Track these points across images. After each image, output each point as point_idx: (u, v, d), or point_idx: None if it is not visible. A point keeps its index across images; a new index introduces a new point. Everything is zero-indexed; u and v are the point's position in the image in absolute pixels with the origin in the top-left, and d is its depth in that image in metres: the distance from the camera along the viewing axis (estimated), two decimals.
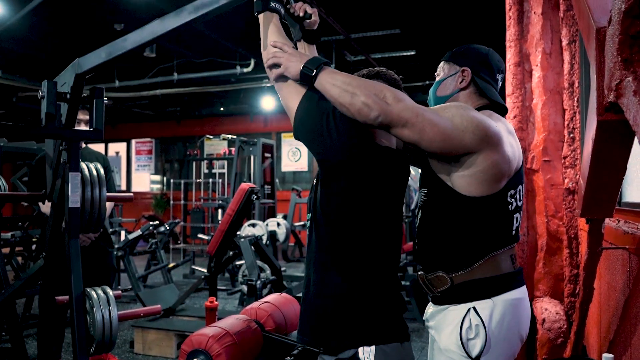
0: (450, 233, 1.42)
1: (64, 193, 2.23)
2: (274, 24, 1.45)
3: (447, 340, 1.40)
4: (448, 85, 1.56)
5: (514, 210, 1.43)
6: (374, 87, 1.28)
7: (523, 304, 1.44)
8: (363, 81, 1.30)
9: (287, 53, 1.37)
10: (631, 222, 1.89)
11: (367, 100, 1.24)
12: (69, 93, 2.08)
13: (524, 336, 1.45)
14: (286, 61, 1.36)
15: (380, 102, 1.24)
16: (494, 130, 1.33)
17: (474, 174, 1.34)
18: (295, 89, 1.38)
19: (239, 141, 7.92)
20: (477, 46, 1.58)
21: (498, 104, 1.52)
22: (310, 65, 1.33)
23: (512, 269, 1.43)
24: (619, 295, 1.93)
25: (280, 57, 1.37)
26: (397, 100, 1.26)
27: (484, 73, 1.53)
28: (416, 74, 8.60)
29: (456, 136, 1.28)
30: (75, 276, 2.20)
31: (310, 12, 1.60)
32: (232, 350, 1.88)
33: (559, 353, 2.55)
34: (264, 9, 1.46)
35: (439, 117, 1.28)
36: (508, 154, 1.36)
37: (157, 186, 12.89)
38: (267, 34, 1.45)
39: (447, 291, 1.43)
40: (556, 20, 2.77)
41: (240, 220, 4.54)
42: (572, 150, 2.67)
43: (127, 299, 5.58)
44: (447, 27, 6.14)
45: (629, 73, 1.17)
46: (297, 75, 1.35)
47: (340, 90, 1.28)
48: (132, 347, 4.02)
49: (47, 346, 2.61)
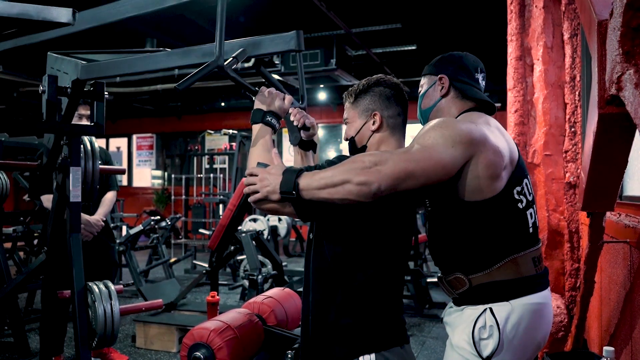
0: (463, 239, 1.40)
1: (64, 187, 2.24)
2: (264, 141, 1.44)
3: (459, 337, 1.39)
4: (430, 96, 1.57)
5: (526, 206, 1.40)
6: (353, 164, 1.23)
7: (544, 310, 1.39)
8: (340, 166, 1.25)
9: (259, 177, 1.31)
10: (632, 216, 1.89)
11: (360, 178, 1.20)
12: (69, 88, 2.08)
13: (542, 343, 1.42)
14: (262, 187, 1.30)
15: (372, 171, 1.20)
16: (477, 132, 1.32)
17: (473, 179, 1.32)
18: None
19: (240, 136, 7.91)
20: (450, 53, 1.58)
21: (484, 102, 1.51)
22: (286, 188, 1.26)
23: (534, 272, 1.39)
24: (619, 288, 1.93)
25: (254, 184, 1.31)
26: (382, 160, 1.22)
27: (462, 76, 1.53)
28: (417, 69, 8.54)
29: (450, 154, 1.27)
30: (77, 270, 2.21)
31: (309, 126, 1.61)
32: (234, 343, 1.88)
33: (560, 347, 2.56)
34: (259, 122, 1.46)
35: (427, 150, 1.26)
36: (496, 147, 1.34)
37: (158, 181, 12.89)
38: (254, 150, 1.43)
39: (465, 292, 1.41)
40: (557, 14, 2.76)
41: (242, 215, 4.55)
42: (574, 144, 2.67)
43: (128, 294, 5.59)
44: (448, 22, 6.12)
45: (631, 66, 1.17)
46: (279, 197, 1.28)
47: (329, 189, 1.23)
48: (133, 341, 4.03)
49: (49, 340, 2.62)
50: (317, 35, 6.27)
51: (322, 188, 1.24)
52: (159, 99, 10.86)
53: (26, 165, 3.13)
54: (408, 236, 1.48)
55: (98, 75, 2.00)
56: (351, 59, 6.93)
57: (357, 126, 1.50)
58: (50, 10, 1.62)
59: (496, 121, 1.47)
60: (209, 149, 11.77)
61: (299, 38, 1.52)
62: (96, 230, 3.05)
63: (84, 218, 2.90)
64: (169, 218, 7.00)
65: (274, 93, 1.50)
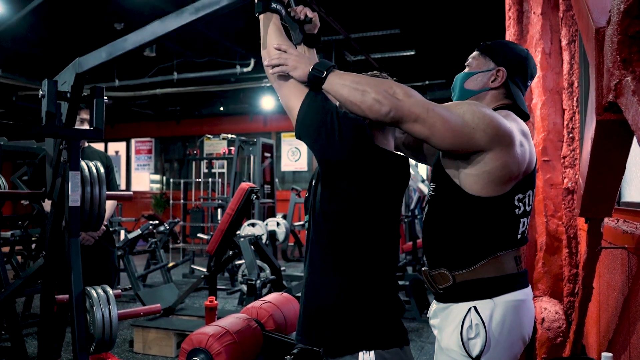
0: (454, 231, 1.42)
1: (64, 192, 2.23)
2: (274, 24, 1.45)
3: (448, 339, 1.40)
4: (478, 80, 1.52)
5: (521, 214, 1.41)
6: (383, 84, 1.29)
7: (526, 306, 1.42)
8: (372, 79, 1.31)
9: (294, 55, 1.37)
10: (630, 222, 1.89)
11: (378, 97, 1.25)
12: (69, 92, 2.08)
13: (527, 338, 1.44)
14: (294, 62, 1.35)
15: (391, 97, 1.25)
16: (505, 129, 1.32)
17: (481, 173, 1.33)
18: (297, 89, 1.37)
19: (238, 141, 7.92)
20: (516, 46, 1.55)
21: (521, 111, 1.49)
22: (320, 67, 1.33)
23: (516, 270, 1.42)
24: (618, 294, 1.93)
25: (287, 58, 1.36)
26: (407, 95, 1.27)
27: (518, 78, 1.50)
28: (415, 74, 8.61)
29: (467, 133, 1.28)
30: (75, 275, 2.21)
31: (311, 16, 1.60)
32: (232, 349, 1.88)
33: (558, 352, 2.56)
34: (265, 9, 1.45)
35: (449, 113, 1.28)
36: (518, 155, 1.35)
37: (157, 185, 12.89)
38: (268, 33, 1.45)
39: (449, 289, 1.42)
40: (555, 21, 2.77)
41: (240, 220, 4.54)
42: (572, 150, 2.68)
43: (126, 298, 5.58)
44: (446, 28, 6.15)
45: (628, 73, 1.18)
46: (305, 77, 1.34)
47: (350, 89, 1.29)
48: (131, 346, 4.02)
49: (47, 345, 2.61)
50: None
51: (346, 85, 1.30)
52: (157, 104, 10.88)
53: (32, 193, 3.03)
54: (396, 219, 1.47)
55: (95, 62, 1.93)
56: (350, 64, 6.95)
57: None
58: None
59: (525, 125, 1.46)
60: (207, 153, 11.78)
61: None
62: (97, 234, 3.05)
63: None
64: (167, 222, 7.00)
65: None
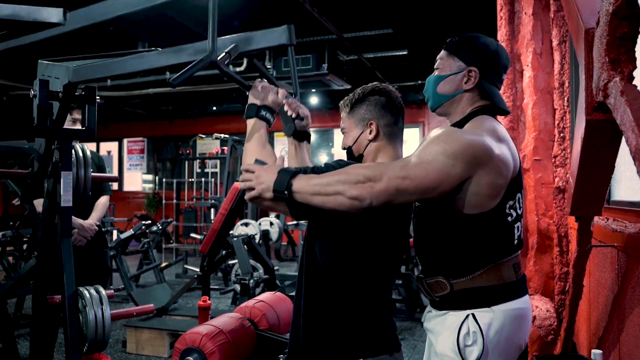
0: (448, 245, 1.38)
1: (55, 192, 2.23)
2: (259, 135, 1.42)
3: (443, 344, 1.38)
4: (451, 83, 1.46)
5: (515, 220, 1.39)
6: (349, 175, 1.23)
7: (524, 314, 1.40)
8: (336, 175, 1.25)
9: (260, 175, 1.31)
10: (619, 220, 1.91)
11: (353, 193, 1.20)
12: (60, 92, 2.07)
13: (523, 345, 1.43)
14: (258, 184, 1.31)
15: (366, 187, 1.20)
16: (482, 149, 1.27)
17: (469, 194, 1.30)
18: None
19: (231, 140, 7.91)
20: (485, 39, 1.46)
21: (500, 109, 1.46)
22: (279, 188, 1.27)
23: (515, 277, 1.40)
24: (608, 292, 1.95)
25: (250, 181, 1.33)
26: (376, 175, 1.21)
27: (492, 75, 1.45)
28: (408, 74, 8.62)
29: (449, 172, 1.23)
30: (68, 275, 2.20)
31: (303, 115, 1.61)
32: (226, 348, 1.88)
33: (550, 350, 2.58)
34: (254, 116, 1.45)
35: (425, 166, 1.23)
36: (501, 167, 1.31)
37: (149, 185, 12.83)
38: (250, 146, 1.42)
39: (446, 297, 1.40)
40: (547, 21, 2.79)
41: (233, 220, 4.54)
42: (562, 150, 2.70)
43: (119, 299, 5.56)
44: (439, 27, 6.17)
45: (617, 73, 1.19)
46: (272, 196, 1.30)
47: (322, 197, 1.24)
48: (124, 346, 4.01)
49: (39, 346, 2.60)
50: (309, 40, 6.29)
51: (315, 194, 1.25)
52: (150, 103, 10.83)
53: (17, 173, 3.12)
54: (402, 243, 1.48)
55: (90, 77, 1.99)
56: (343, 64, 6.95)
57: (354, 136, 1.50)
58: (40, 11, 1.62)
59: (503, 127, 1.43)
60: (200, 153, 11.75)
61: (291, 32, 1.52)
62: (90, 234, 3.04)
63: (77, 222, 2.89)
64: (160, 222, 6.98)
65: (267, 87, 1.49)
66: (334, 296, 1.39)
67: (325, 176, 1.26)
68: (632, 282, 1.64)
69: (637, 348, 1.57)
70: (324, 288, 1.40)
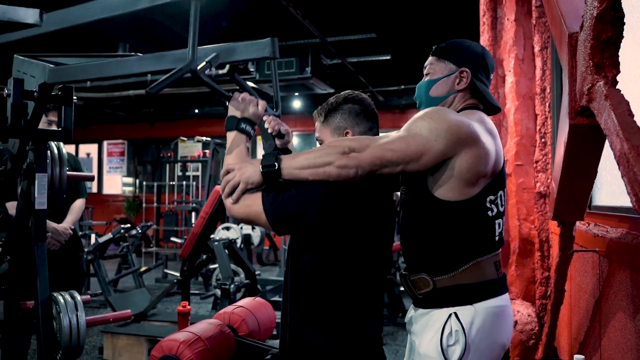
0: (431, 236, 1.40)
1: (29, 194, 2.16)
2: (239, 149, 1.40)
3: (427, 345, 1.38)
4: (444, 85, 1.48)
5: (495, 216, 1.40)
6: (335, 147, 1.27)
7: (505, 312, 1.42)
8: (322, 149, 1.29)
9: (241, 167, 1.33)
10: (601, 225, 1.92)
11: (340, 162, 1.25)
12: (36, 91, 2.02)
13: (507, 344, 1.44)
14: (241, 174, 1.32)
15: (352, 157, 1.25)
16: (466, 130, 1.30)
17: (450, 177, 1.31)
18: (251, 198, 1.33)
19: (213, 143, 7.85)
20: (470, 43, 1.51)
21: (493, 105, 1.49)
22: (268, 162, 1.30)
23: (496, 275, 1.41)
24: (589, 297, 1.96)
25: (233, 177, 1.33)
26: (363, 145, 1.26)
27: (481, 74, 1.48)
28: (391, 78, 8.67)
29: (431, 147, 1.26)
30: (41, 280, 2.14)
31: (284, 133, 1.60)
32: (204, 355, 1.84)
33: (531, 354, 2.59)
34: (234, 129, 1.43)
35: (407, 139, 1.27)
36: (484, 154, 1.32)
37: (129, 188, 12.67)
38: (229, 159, 1.40)
39: (429, 294, 1.40)
40: (529, 27, 2.81)
41: (214, 223, 4.49)
42: (544, 155, 2.72)
43: (97, 304, 5.45)
44: (422, 33, 6.21)
45: (601, 77, 1.19)
46: (260, 179, 1.31)
47: (310, 170, 1.27)
48: (101, 353, 3.92)
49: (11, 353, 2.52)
50: (293, 44, 6.27)
51: (304, 168, 1.28)
52: (131, 105, 10.70)
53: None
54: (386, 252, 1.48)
55: (66, 79, 1.95)
56: (326, 68, 6.95)
57: None
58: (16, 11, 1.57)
59: (492, 123, 1.45)
60: (182, 156, 11.64)
61: (274, 45, 1.50)
62: (64, 238, 2.96)
63: (51, 226, 2.81)
64: (139, 226, 6.87)
65: (247, 99, 1.47)
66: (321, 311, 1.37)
67: (312, 151, 1.30)
68: (614, 287, 1.65)
69: (619, 353, 1.58)
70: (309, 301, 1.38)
